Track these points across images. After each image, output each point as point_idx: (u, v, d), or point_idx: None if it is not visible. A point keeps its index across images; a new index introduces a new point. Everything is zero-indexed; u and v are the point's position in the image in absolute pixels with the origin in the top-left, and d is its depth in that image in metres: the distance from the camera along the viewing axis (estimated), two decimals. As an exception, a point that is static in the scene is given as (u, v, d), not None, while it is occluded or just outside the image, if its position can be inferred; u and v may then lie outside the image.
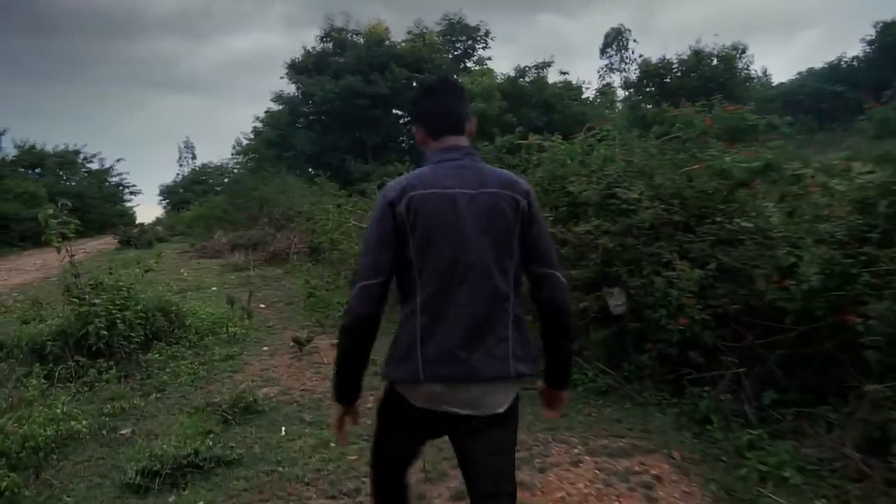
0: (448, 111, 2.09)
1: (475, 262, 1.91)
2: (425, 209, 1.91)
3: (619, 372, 4.77)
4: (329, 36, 34.36)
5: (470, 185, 1.95)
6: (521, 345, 1.96)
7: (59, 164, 40.64)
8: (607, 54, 56.69)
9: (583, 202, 4.85)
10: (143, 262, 16.47)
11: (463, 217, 1.91)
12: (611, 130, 5.61)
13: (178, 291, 11.54)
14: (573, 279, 4.85)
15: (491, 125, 29.12)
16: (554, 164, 5.28)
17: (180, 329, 7.39)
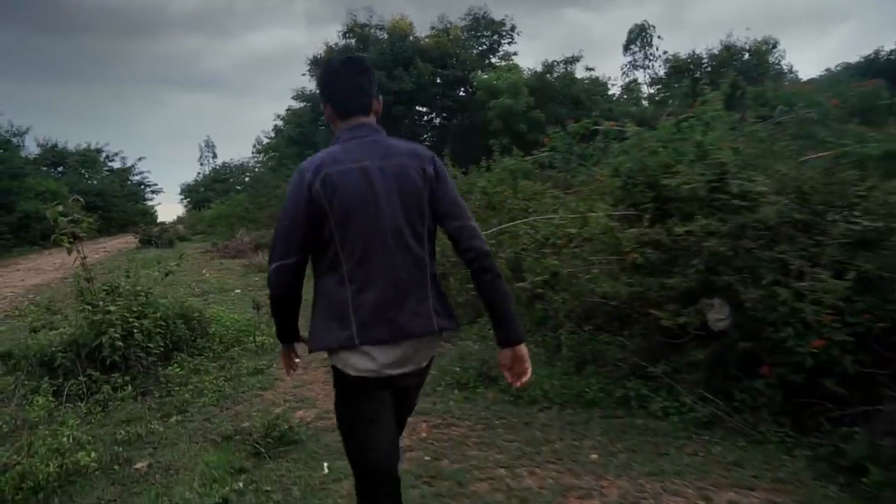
0: (354, 92, 2.19)
1: (392, 228, 2.04)
2: (341, 184, 2.02)
3: (722, 398, 3.99)
4: (352, 31, 33.71)
5: (378, 157, 2.07)
6: (440, 302, 2.13)
7: (81, 163, 40.54)
8: (631, 51, 55.33)
9: (679, 197, 4.07)
10: (163, 262, 15.96)
11: (376, 187, 2.04)
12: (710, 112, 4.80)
13: (199, 294, 10.96)
14: (665, 288, 4.08)
15: (517, 121, 28.36)
16: (642, 151, 4.52)
17: (203, 338, 6.73)
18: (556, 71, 31.78)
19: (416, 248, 2.08)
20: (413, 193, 2.08)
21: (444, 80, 32.00)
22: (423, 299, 2.08)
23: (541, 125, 28.97)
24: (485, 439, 4.21)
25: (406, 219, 2.07)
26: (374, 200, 2.03)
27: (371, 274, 2.04)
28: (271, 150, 42.80)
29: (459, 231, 2.11)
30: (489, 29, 34.96)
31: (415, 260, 2.08)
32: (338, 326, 2.05)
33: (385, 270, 2.04)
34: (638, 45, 55.58)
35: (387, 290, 2.04)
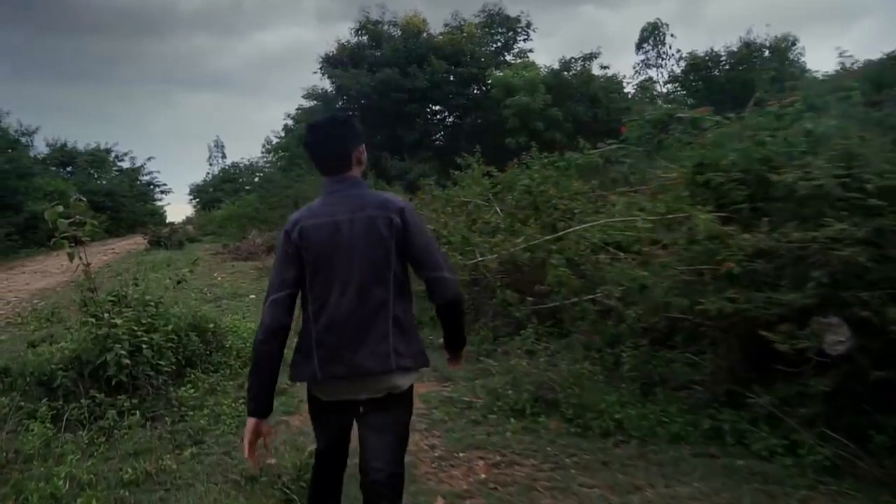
0: (334, 153, 2.39)
1: (355, 276, 2.27)
2: (313, 236, 2.30)
3: (849, 437, 3.31)
4: (364, 29, 33.09)
5: (350, 211, 2.30)
6: (402, 342, 2.29)
7: (90, 163, 40.12)
8: (643, 49, 54.34)
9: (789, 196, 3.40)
10: (173, 265, 15.40)
11: (344, 239, 2.28)
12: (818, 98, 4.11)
13: (212, 299, 10.35)
14: (775, 305, 3.40)
15: (534, 119, 27.65)
16: (745, 143, 3.84)
17: (219, 352, 6.11)
18: (573, 68, 31.01)
19: (379, 293, 2.27)
20: (379, 243, 2.26)
21: (458, 78, 31.33)
22: (383, 339, 2.26)
23: (558, 123, 28.29)
24: (557, 483, 3.55)
25: (371, 267, 2.26)
26: (341, 251, 2.27)
27: (332, 316, 2.28)
28: (281, 150, 42.24)
29: (433, 282, 2.31)
30: (504, 26, 34.26)
31: (376, 304, 2.27)
32: (305, 362, 2.37)
33: (345, 314, 2.27)
34: (651, 44, 54.66)
35: (346, 331, 2.27)
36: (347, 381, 2.29)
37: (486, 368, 5.73)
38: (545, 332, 6.36)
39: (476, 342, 6.42)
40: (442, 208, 8.16)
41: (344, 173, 2.38)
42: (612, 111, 33.77)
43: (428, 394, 5.23)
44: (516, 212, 7.20)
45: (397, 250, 2.28)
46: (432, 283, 2.31)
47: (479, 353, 6.22)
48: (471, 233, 6.67)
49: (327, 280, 2.29)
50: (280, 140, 42.69)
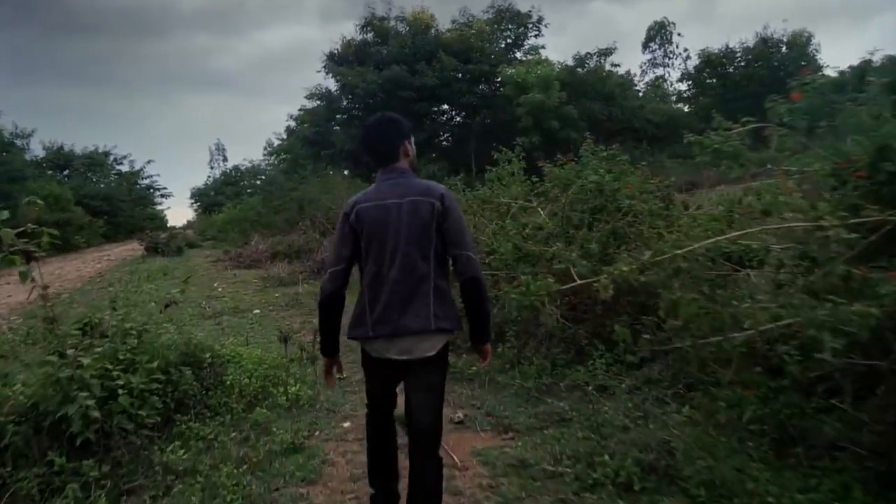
0: (383, 149, 2.84)
1: (402, 251, 2.65)
2: (368, 216, 2.71)
3: None
4: (370, 25, 31.95)
5: (398, 196, 2.70)
6: (441, 308, 2.67)
7: (88, 166, 39.09)
8: (650, 49, 53.19)
9: None
10: (170, 274, 14.23)
11: (393, 219, 2.67)
12: None
13: (211, 315, 9.17)
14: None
15: (549, 118, 26.53)
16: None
17: (217, 390, 4.93)
18: (587, 64, 29.86)
19: (421, 265, 2.67)
20: (422, 224, 2.66)
21: (467, 76, 30.19)
22: (425, 305, 2.65)
23: (573, 122, 27.17)
24: None
25: (415, 243, 2.66)
26: (390, 229, 2.67)
27: (382, 285, 2.68)
28: (283, 152, 41.19)
29: (461, 259, 2.70)
30: (514, 22, 33.12)
31: (419, 275, 2.66)
32: (360, 323, 2.72)
33: (392, 283, 2.66)
34: (657, 43, 53.58)
35: (392, 298, 2.66)
36: (394, 339, 2.66)
37: (554, 412, 4.55)
38: (613, 360, 5.22)
39: (531, 375, 5.25)
40: (478, 211, 6.99)
41: (393, 164, 2.80)
42: (625, 110, 32.72)
43: (487, 452, 4.05)
44: (571, 215, 6.04)
45: (437, 230, 2.67)
46: (461, 260, 2.68)
47: (538, 388, 5.06)
48: (523, 241, 5.49)
49: (379, 254, 2.67)
50: (282, 142, 41.62)
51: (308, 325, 8.14)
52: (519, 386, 5.07)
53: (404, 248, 2.64)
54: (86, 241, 27.87)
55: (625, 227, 5.38)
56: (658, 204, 5.97)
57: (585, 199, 5.75)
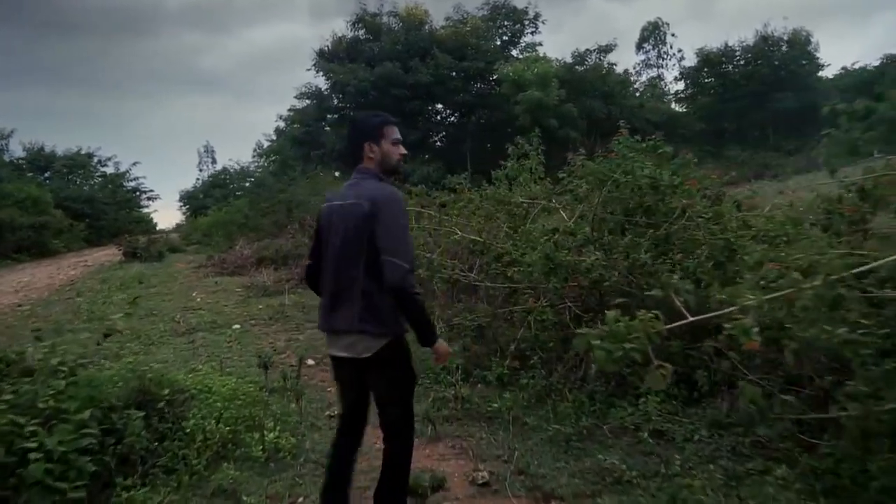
0: (349, 150, 2.96)
1: (336, 253, 2.75)
2: (322, 216, 2.88)
3: None
4: (362, 21, 30.88)
5: (344, 198, 2.77)
6: (368, 311, 2.66)
7: (70, 168, 37.73)
8: (644, 49, 52.35)
9: None
10: (146, 282, 13.13)
11: (335, 220, 2.77)
12: None
13: (184, 332, 8.11)
14: None
15: (547, 116, 25.54)
16: None
17: (176, 438, 3.89)
18: (587, 61, 28.95)
19: (351, 269, 2.69)
20: (354, 227, 2.68)
21: (462, 73, 29.18)
22: (351, 307, 2.68)
23: (573, 120, 26.25)
24: None
25: (347, 248, 2.71)
26: (332, 230, 2.78)
27: (325, 283, 2.82)
28: (273, 153, 40.07)
29: (384, 265, 2.58)
30: (510, 18, 32.16)
31: (349, 278, 2.70)
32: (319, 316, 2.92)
33: (329, 282, 2.79)
34: (651, 44, 52.80)
35: (328, 296, 2.80)
36: (331, 335, 2.82)
37: (605, 469, 3.55)
38: (666, 395, 4.24)
39: (567, 415, 4.26)
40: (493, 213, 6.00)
41: (358, 165, 2.85)
42: (625, 108, 31.84)
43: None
44: (607, 217, 5.06)
45: (368, 236, 2.63)
46: (385, 266, 2.57)
47: (579, 434, 4.06)
48: (556, 250, 4.50)
49: (326, 253, 2.81)
50: (272, 143, 40.51)
51: (293, 344, 7.12)
52: (555, 431, 4.06)
53: (338, 250, 2.72)
54: (65, 245, 26.57)
55: (679, 232, 4.39)
56: (707, 204, 4.98)
57: (625, 199, 4.76)
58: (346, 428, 3.01)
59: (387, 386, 2.82)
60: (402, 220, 2.71)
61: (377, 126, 2.85)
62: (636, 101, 34.09)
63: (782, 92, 35.62)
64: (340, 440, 3.02)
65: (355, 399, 2.94)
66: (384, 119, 2.89)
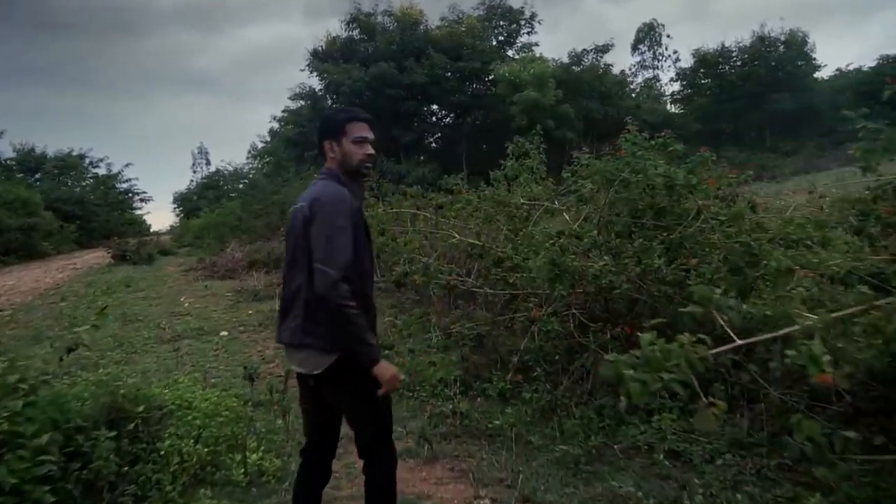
0: (318, 148, 2.70)
1: (287, 259, 2.61)
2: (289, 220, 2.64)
3: None
4: (356, 21, 30.54)
5: (298, 201, 2.58)
6: (311, 323, 2.46)
7: (61, 169, 37.26)
8: (639, 51, 52.15)
9: None
10: (133, 286, 12.78)
11: (290, 225, 2.61)
12: None
13: (169, 339, 7.77)
14: None
15: (544, 117, 25.24)
16: None
17: (150, 460, 3.56)
18: (584, 62, 28.69)
19: (298, 277, 2.50)
20: (298, 231, 2.49)
21: (458, 74, 28.88)
22: (296, 317, 2.50)
23: (570, 121, 25.98)
24: None
25: (294, 252, 2.53)
26: (287, 235, 2.64)
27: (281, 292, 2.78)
28: (267, 154, 39.72)
29: (313, 272, 2.39)
30: (506, 18, 31.88)
31: (296, 287, 2.51)
32: None
33: (282, 291, 2.66)
34: (646, 45, 52.62)
35: (280, 307, 2.64)
36: (285, 349, 2.63)
37: (619, 496, 3.24)
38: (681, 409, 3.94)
39: (577, 432, 3.94)
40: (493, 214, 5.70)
41: (324, 165, 2.64)
42: (621, 109, 31.60)
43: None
44: (614, 219, 4.76)
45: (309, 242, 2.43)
46: (314, 273, 2.38)
47: (588, 454, 3.74)
48: (562, 255, 4.18)
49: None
50: (266, 144, 40.15)
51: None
52: (562, 452, 3.74)
53: (289, 256, 2.59)
54: (54, 247, 26.15)
55: (696, 235, 4.08)
56: (722, 206, 4.67)
57: (633, 200, 4.45)
58: (310, 455, 2.76)
59: (349, 404, 2.58)
60: (339, 223, 2.41)
61: (340, 122, 2.61)
62: (633, 102, 33.82)
63: (779, 93, 35.46)
64: (304, 470, 2.76)
65: (321, 421, 2.71)
66: (350, 115, 2.64)
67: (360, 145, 2.57)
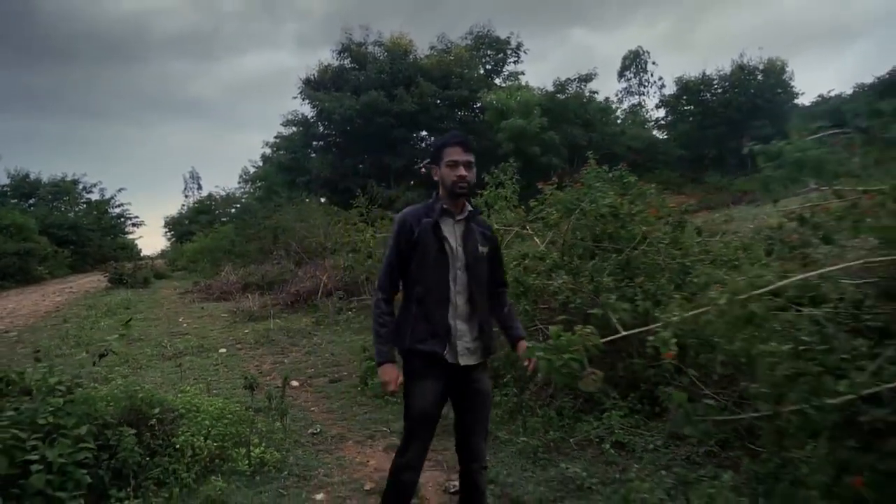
0: None
1: None
2: None
3: None
4: (347, 50, 31.45)
5: None
6: None
7: (55, 194, 37.74)
8: (625, 77, 53.40)
9: None
10: (133, 307, 13.29)
11: None
12: None
13: (171, 356, 8.31)
14: None
15: (530, 143, 26.11)
16: None
17: (167, 454, 4.12)
18: (568, 90, 29.63)
19: None
20: None
21: (446, 101, 29.75)
22: None
23: (555, 148, 26.81)
24: None
25: None
26: None
27: None
28: (259, 179, 40.32)
29: None
30: (493, 48, 32.89)
31: None
32: None
33: None
34: (632, 72, 53.87)
35: None
36: None
37: (568, 477, 3.82)
38: (629, 409, 4.55)
39: (537, 428, 4.53)
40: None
41: None
42: (605, 135, 32.54)
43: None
44: (576, 243, 5.38)
45: None
46: None
47: (546, 446, 4.33)
48: (524, 274, 4.81)
49: None
50: (257, 169, 40.80)
51: (279, 367, 7.35)
52: (523, 444, 4.33)
53: None
54: (49, 272, 26.55)
55: (640, 257, 4.72)
56: (669, 231, 5.33)
57: (591, 226, 5.09)
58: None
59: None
60: (389, 241, 2.88)
61: (437, 148, 2.88)
62: (617, 129, 34.79)
63: (759, 119, 36.51)
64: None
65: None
66: (444, 140, 2.89)
67: (453, 168, 2.77)
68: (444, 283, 2.75)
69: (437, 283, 2.75)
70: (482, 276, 2.81)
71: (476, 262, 2.78)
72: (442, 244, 2.76)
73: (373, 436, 4.95)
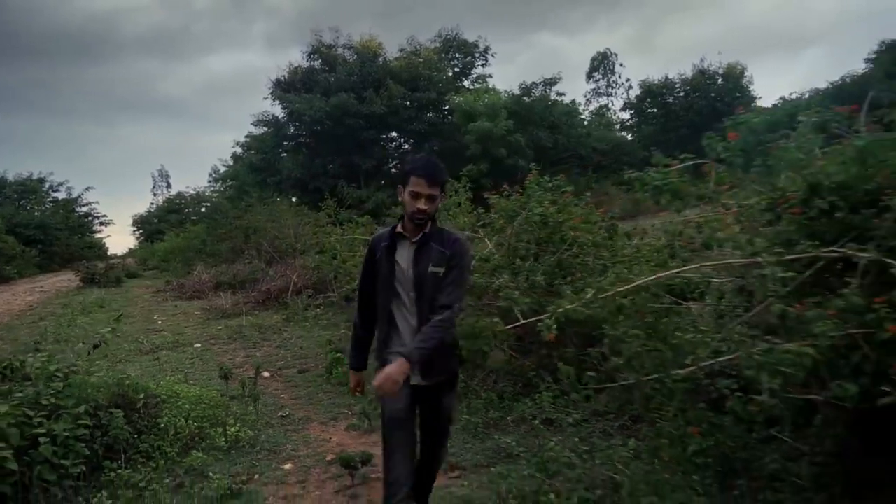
0: None
1: None
2: None
3: None
4: (317, 52, 31.85)
5: None
6: None
7: (21, 193, 37.45)
8: (594, 79, 54.63)
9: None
10: (107, 306, 13.68)
11: None
12: None
13: (148, 350, 8.81)
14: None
15: (496, 146, 26.83)
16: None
17: (151, 433, 4.69)
18: (533, 93, 30.45)
19: None
20: None
21: (415, 103, 30.35)
22: None
23: (521, 150, 27.56)
24: None
25: None
26: None
27: None
28: (229, 179, 40.44)
29: None
30: (461, 51, 33.56)
31: None
32: None
33: None
34: (601, 73, 55.10)
35: None
36: None
37: (501, 447, 4.49)
38: (560, 392, 5.22)
39: (479, 408, 5.19)
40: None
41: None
42: (571, 138, 33.45)
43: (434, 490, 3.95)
44: (518, 246, 6.05)
45: None
46: None
47: (485, 423, 4.99)
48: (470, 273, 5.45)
49: None
50: (228, 168, 40.90)
51: (251, 360, 7.90)
52: (466, 421, 4.99)
53: None
54: (17, 271, 26.54)
55: (570, 258, 5.41)
56: (602, 234, 6.03)
57: (531, 231, 5.77)
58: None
59: None
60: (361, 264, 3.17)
61: (405, 172, 2.86)
62: (583, 130, 35.73)
63: (719, 122, 37.75)
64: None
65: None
66: (413, 167, 2.83)
67: (413, 199, 2.72)
68: (396, 303, 2.86)
69: (387, 304, 2.87)
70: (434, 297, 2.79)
71: (426, 283, 2.77)
72: (393, 266, 2.83)
73: (336, 417, 5.56)
